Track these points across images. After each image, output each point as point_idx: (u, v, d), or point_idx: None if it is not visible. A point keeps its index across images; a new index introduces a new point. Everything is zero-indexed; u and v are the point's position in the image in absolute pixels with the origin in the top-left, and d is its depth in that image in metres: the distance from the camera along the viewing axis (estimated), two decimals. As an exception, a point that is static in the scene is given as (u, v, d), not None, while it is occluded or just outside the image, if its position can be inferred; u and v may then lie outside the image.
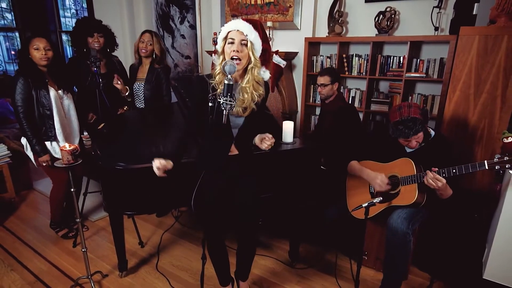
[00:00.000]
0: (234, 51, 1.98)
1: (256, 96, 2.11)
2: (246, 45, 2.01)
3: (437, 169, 2.34)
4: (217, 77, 2.10)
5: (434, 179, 2.31)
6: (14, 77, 3.05)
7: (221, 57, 2.08)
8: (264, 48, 2.11)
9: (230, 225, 2.40)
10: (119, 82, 3.55)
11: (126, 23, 6.01)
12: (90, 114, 3.70)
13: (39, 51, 3.01)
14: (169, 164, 2.11)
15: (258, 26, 2.05)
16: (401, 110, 2.49)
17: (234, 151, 2.26)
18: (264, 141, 2.20)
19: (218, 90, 2.07)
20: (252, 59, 2.04)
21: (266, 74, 2.19)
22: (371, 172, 2.74)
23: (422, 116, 2.46)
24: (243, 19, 2.04)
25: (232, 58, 1.97)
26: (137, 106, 3.81)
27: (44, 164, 3.17)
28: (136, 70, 3.78)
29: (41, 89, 3.05)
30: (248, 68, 2.06)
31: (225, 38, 2.03)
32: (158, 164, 2.08)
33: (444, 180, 2.30)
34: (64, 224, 3.65)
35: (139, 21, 6.05)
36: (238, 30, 1.99)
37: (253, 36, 2.01)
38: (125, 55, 5.59)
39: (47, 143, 3.17)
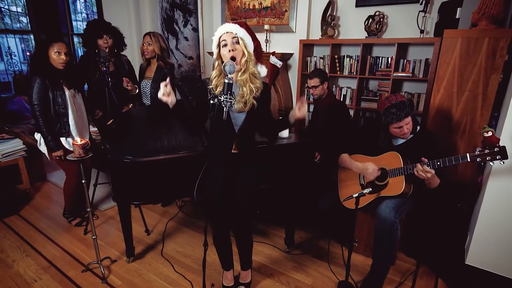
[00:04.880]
0: (230, 50, 1.99)
1: (254, 89, 2.07)
2: (238, 42, 2.01)
3: (426, 160, 2.31)
4: (213, 81, 2.10)
5: (424, 171, 2.29)
6: (30, 77, 3.01)
7: (217, 62, 2.09)
8: (254, 46, 2.11)
9: (232, 218, 2.39)
10: (129, 84, 3.54)
11: (133, 27, 5.96)
12: (96, 110, 3.67)
13: (60, 55, 2.97)
14: (172, 97, 2.01)
15: (243, 25, 2.06)
16: (389, 98, 2.53)
17: (236, 149, 2.22)
18: (302, 108, 2.10)
19: (216, 92, 2.06)
20: (246, 53, 2.03)
21: (263, 70, 2.17)
22: (360, 164, 2.72)
23: (408, 101, 2.50)
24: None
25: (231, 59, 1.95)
26: (144, 102, 3.78)
27: (57, 158, 3.15)
28: (145, 70, 3.74)
29: (57, 89, 3.01)
30: (243, 62, 2.03)
31: (218, 44, 2.06)
32: (165, 87, 1.98)
33: (433, 171, 2.28)
34: (77, 213, 3.62)
35: (145, 24, 5.99)
36: (227, 32, 2.01)
37: (242, 32, 2.02)
38: (132, 55, 5.56)
39: (62, 139, 3.15)
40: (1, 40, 6.55)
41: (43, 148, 3.19)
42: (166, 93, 1.97)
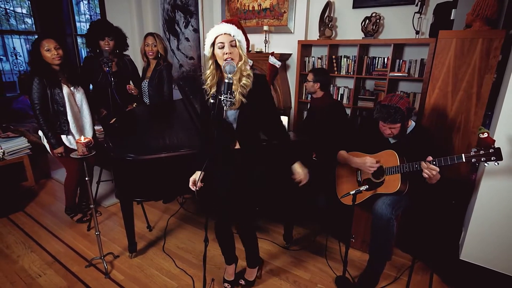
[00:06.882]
0: (226, 53, 1.91)
1: (240, 88, 2.02)
2: (235, 45, 1.95)
3: (431, 158, 2.27)
4: (208, 80, 2.04)
5: (429, 168, 2.25)
6: (29, 77, 2.99)
7: (210, 61, 2.01)
8: (247, 45, 2.10)
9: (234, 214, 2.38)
10: (133, 91, 3.58)
11: (135, 28, 5.96)
12: (101, 109, 3.66)
13: (50, 52, 2.95)
14: (198, 177, 2.14)
15: (239, 25, 2.01)
16: (392, 98, 2.46)
17: (237, 145, 2.21)
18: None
19: (211, 92, 2.02)
20: (243, 56, 1.99)
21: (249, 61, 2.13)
22: (358, 159, 2.70)
23: (406, 111, 2.41)
24: (225, 22, 1.97)
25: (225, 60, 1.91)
26: (145, 101, 3.77)
27: (58, 155, 3.13)
28: (146, 70, 3.74)
29: (55, 87, 2.99)
30: (239, 65, 1.98)
31: (213, 43, 1.96)
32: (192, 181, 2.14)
33: (438, 169, 2.23)
34: (78, 210, 3.61)
35: (147, 25, 5.99)
36: (225, 33, 1.92)
37: (240, 35, 1.96)
38: (134, 56, 5.54)
39: (63, 136, 3.13)
40: (6, 41, 6.52)
41: (46, 142, 3.18)
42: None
